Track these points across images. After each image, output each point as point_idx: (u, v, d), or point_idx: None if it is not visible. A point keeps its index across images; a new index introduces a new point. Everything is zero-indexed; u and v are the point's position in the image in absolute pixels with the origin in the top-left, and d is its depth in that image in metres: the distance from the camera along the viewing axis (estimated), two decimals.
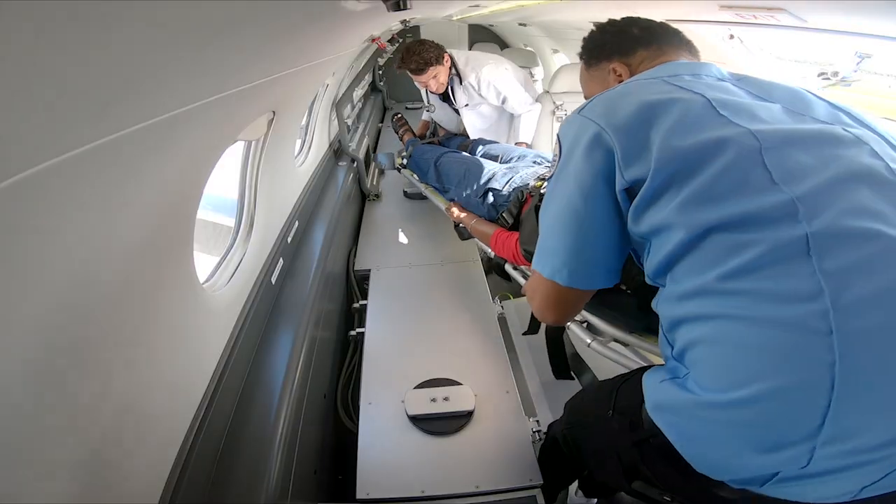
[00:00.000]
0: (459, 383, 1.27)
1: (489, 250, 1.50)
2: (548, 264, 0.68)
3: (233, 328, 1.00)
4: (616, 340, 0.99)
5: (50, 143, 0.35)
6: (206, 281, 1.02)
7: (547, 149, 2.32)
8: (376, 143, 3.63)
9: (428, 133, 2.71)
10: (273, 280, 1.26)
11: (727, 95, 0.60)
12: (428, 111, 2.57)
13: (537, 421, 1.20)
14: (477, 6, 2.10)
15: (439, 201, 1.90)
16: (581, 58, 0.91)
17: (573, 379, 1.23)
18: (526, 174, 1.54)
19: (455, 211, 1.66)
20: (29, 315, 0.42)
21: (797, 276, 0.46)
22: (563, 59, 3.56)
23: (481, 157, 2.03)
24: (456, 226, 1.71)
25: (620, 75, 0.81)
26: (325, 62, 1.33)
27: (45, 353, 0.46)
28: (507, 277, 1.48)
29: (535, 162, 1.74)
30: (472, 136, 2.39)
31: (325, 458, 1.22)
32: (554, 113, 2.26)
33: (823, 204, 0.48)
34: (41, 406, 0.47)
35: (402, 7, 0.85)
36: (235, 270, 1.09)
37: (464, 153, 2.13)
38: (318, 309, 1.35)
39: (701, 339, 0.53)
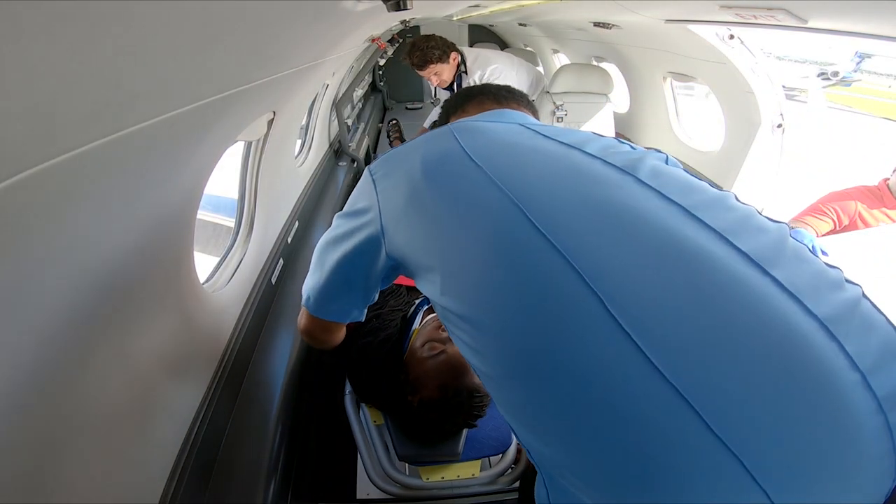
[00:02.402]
0: None
1: None
2: (306, 288, 0.71)
3: (233, 328, 1.00)
4: None
5: (50, 143, 0.35)
6: (206, 281, 1.02)
7: None
8: (376, 143, 3.63)
9: None
10: (273, 280, 1.26)
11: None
12: (434, 105, 2.59)
13: None
14: (477, 6, 2.10)
15: None
16: None
17: None
18: None
19: None
20: (28, 315, 0.42)
21: None
22: (564, 59, 3.57)
23: None
24: None
25: None
26: (325, 62, 1.33)
27: (44, 353, 0.46)
28: None
29: None
30: None
31: (326, 458, 1.22)
32: (554, 113, 2.26)
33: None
34: (39, 407, 0.47)
35: (402, 7, 0.85)
36: (235, 270, 1.09)
37: None
38: None
39: None
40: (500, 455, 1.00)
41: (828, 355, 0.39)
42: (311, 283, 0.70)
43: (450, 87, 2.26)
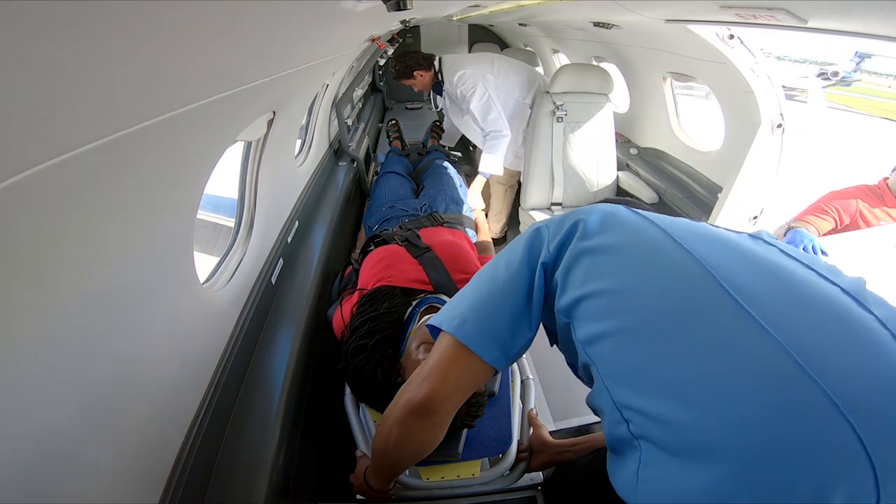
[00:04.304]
0: None
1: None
2: (443, 315, 0.66)
3: (233, 328, 1.00)
4: None
5: (50, 143, 0.35)
6: (206, 281, 1.02)
7: (543, 158, 2.31)
8: (376, 143, 3.63)
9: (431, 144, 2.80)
10: (273, 280, 1.26)
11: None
12: (431, 109, 2.67)
13: None
14: (477, 6, 2.10)
15: None
16: None
17: None
18: None
19: None
20: (26, 315, 0.42)
21: None
22: (564, 59, 3.56)
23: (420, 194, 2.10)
24: None
25: None
26: (325, 62, 1.33)
27: (45, 353, 0.46)
28: None
29: None
30: (475, 142, 2.42)
31: (326, 458, 1.22)
32: (554, 113, 2.26)
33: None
34: (38, 406, 0.47)
35: (402, 7, 0.84)
36: (235, 270, 1.09)
37: (401, 177, 2.21)
38: (318, 309, 1.35)
39: None
40: (501, 455, 1.00)
41: (865, 315, 0.46)
42: (452, 303, 0.66)
43: (435, 91, 2.44)
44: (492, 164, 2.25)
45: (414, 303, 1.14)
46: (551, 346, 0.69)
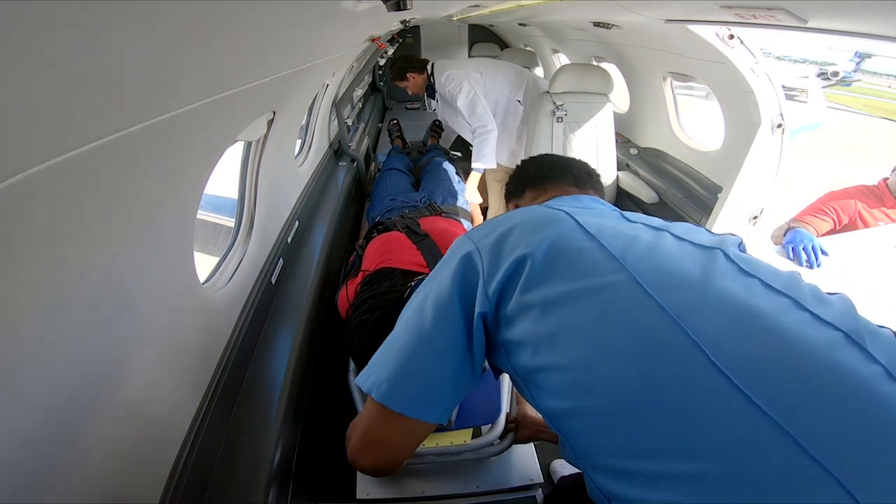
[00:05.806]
0: None
1: None
2: (371, 374, 0.58)
3: (233, 328, 1.00)
4: None
5: (50, 143, 0.35)
6: (206, 281, 1.02)
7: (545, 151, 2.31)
8: (376, 143, 3.63)
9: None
10: (273, 280, 1.26)
11: (599, 219, 0.60)
12: (426, 110, 2.71)
13: None
14: (477, 6, 2.10)
15: None
16: None
17: None
18: None
19: None
20: (27, 315, 0.42)
21: None
22: (564, 59, 3.56)
23: (419, 188, 2.19)
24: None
25: None
26: (325, 62, 1.33)
27: (44, 352, 0.46)
28: None
29: None
30: (471, 141, 2.44)
31: (326, 457, 1.22)
32: (553, 113, 2.26)
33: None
34: (38, 405, 0.47)
35: (402, 7, 0.84)
36: (235, 270, 1.09)
37: (402, 173, 2.29)
38: (318, 309, 1.35)
39: None
40: (491, 425, 1.07)
41: (859, 363, 0.43)
42: (379, 360, 0.59)
43: (428, 94, 2.50)
44: (483, 159, 2.28)
45: (412, 284, 1.20)
46: (496, 378, 0.66)
